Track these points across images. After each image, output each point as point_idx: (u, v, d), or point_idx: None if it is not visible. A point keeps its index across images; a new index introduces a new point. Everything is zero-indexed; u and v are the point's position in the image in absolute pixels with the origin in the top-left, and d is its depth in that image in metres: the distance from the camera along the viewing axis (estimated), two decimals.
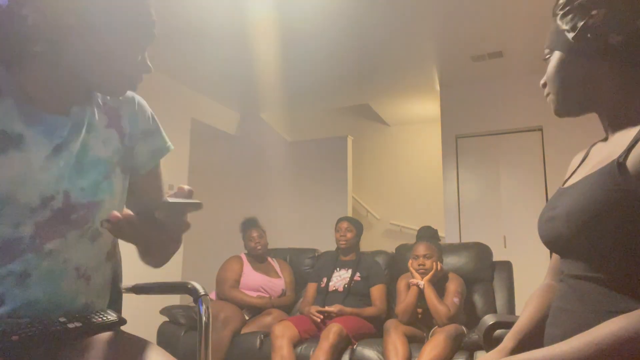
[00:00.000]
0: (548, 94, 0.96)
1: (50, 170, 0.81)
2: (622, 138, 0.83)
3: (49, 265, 0.81)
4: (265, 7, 3.45)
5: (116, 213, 0.72)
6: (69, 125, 0.85)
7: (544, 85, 0.97)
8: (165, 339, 3.22)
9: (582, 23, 0.84)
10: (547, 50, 0.95)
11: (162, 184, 1.03)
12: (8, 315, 0.78)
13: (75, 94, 0.87)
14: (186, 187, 0.76)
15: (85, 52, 0.82)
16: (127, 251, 1.11)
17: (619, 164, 0.76)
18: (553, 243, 0.89)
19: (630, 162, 0.75)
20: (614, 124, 0.89)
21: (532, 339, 0.96)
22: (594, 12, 0.83)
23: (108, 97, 0.93)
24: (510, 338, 0.98)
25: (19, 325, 0.78)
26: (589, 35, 0.84)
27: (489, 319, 1.22)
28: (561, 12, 0.88)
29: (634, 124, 0.84)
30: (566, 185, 0.94)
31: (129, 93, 0.96)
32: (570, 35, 0.87)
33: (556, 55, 0.91)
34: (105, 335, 0.85)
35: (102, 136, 0.90)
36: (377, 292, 3.08)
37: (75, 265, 0.85)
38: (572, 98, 0.91)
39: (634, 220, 0.73)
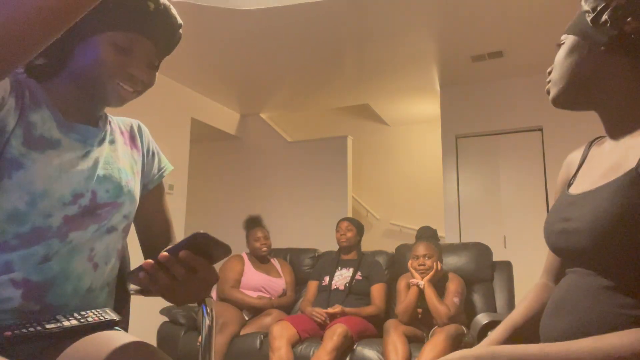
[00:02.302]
0: (549, 82, 0.90)
1: (82, 170, 0.92)
2: (634, 142, 0.79)
3: (68, 250, 0.90)
4: (265, 7, 3.45)
5: (150, 261, 0.79)
6: (99, 136, 0.98)
7: (550, 72, 0.91)
8: (165, 339, 3.22)
9: (603, 4, 0.79)
10: (563, 36, 0.89)
11: (166, 198, 1.18)
12: (19, 279, 0.84)
13: (99, 110, 0.99)
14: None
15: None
16: (134, 252, 1.11)
17: (639, 173, 0.72)
18: (569, 256, 0.84)
19: None
20: (621, 125, 0.84)
21: (523, 333, 0.95)
22: None
23: (120, 122, 1.08)
24: (501, 330, 0.96)
25: (15, 321, 0.80)
26: (606, 17, 0.78)
27: (482, 318, 1.21)
28: None
29: None
30: (573, 191, 0.89)
31: (135, 121, 1.13)
32: (588, 17, 0.81)
33: (570, 39, 0.86)
34: (101, 334, 0.84)
35: (123, 150, 1.04)
36: (377, 291, 3.08)
37: (90, 248, 0.94)
38: (575, 88, 0.86)
39: None
